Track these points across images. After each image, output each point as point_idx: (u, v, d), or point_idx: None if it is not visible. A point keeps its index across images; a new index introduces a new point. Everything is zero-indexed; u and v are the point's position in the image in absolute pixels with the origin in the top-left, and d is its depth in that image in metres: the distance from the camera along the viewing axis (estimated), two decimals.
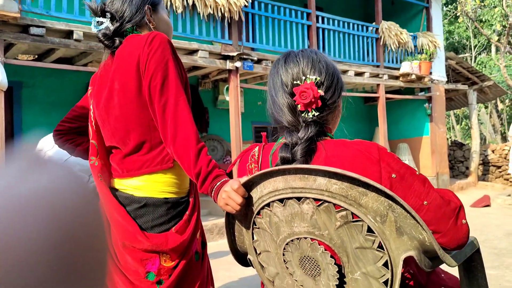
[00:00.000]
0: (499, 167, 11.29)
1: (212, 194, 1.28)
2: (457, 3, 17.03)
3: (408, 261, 1.03)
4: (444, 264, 1.08)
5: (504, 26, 16.91)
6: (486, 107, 19.38)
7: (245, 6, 6.26)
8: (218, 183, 1.27)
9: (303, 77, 1.19)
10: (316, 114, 1.18)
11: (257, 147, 1.30)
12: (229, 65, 6.17)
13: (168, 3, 5.53)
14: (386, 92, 8.97)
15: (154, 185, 1.45)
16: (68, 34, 5.13)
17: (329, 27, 7.78)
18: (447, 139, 12.10)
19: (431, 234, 1.03)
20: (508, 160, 11.13)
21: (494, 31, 17.76)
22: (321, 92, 1.18)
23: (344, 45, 8.10)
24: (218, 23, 6.10)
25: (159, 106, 1.36)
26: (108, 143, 1.52)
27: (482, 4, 17.90)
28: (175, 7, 5.59)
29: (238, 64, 6.14)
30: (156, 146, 1.45)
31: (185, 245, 1.44)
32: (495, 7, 16.97)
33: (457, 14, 18.10)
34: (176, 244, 1.41)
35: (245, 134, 7.62)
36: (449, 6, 19.92)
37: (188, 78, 1.57)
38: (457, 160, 12.12)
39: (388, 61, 8.85)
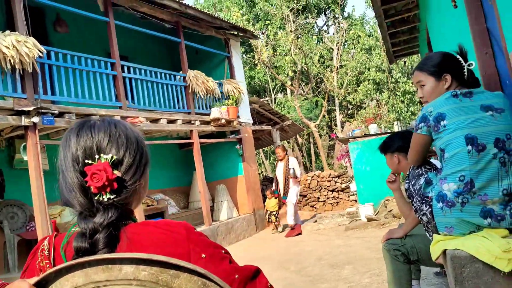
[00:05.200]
0: (304, 196, 12.60)
1: None
2: (255, 52, 18.96)
3: None
4: None
5: (295, 72, 19.45)
6: (288, 142, 21.68)
7: (40, 57, 5.73)
8: None
9: (97, 156, 1.05)
10: (112, 197, 1.04)
11: (46, 240, 1.09)
12: (24, 121, 5.48)
13: None
14: (200, 137, 9.23)
15: None
16: None
17: (136, 77, 7.68)
18: (259, 174, 13.03)
19: None
20: (311, 188, 12.56)
21: (287, 75, 20.24)
22: (117, 173, 1.05)
23: (153, 94, 8.08)
24: (8, 76, 5.40)
25: None
26: None
27: (275, 53, 20.33)
28: None
29: (35, 119, 5.51)
30: None
31: None
32: (286, 55, 19.45)
33: (256, 62, 20.12)
34: None
35: (51, 196, 6.83)
36: (248, 54, 22.01)
37: None
38: None
39: (199, 108, 9.16)
